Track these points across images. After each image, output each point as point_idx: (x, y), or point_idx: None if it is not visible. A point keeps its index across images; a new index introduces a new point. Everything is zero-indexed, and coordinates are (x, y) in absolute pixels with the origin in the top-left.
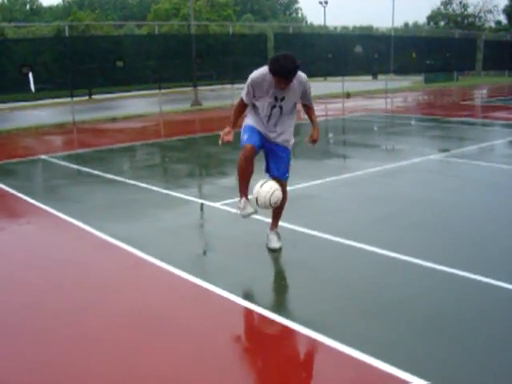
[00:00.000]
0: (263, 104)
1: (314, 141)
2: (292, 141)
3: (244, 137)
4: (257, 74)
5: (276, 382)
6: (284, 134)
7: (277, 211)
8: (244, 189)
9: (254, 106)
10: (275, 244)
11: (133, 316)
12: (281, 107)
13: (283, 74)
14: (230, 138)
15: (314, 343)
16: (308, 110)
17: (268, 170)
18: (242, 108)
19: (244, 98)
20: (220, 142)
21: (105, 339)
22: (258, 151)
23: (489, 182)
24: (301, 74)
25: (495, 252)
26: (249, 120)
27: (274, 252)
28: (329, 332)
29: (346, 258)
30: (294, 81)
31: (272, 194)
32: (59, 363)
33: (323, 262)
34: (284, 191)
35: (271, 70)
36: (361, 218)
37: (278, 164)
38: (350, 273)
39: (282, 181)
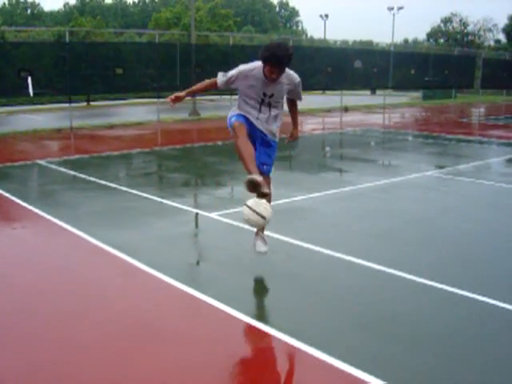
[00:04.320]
0: (251, 100)
1: (294, 139)
2: (277, 137)
3: (231, 119)
4: (246, 66)
5: None
6: (272, 129)
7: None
8: (253, 166)
9: (244, 100)
10: (262, 248)
11: (124, 323)
12: (269, 104)
13: (276, 60)
14: (174, 104)
15: (304, 355)
16: (292, 105)
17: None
18: (210, 86)
19: (219, 82)
20: (170, 104)
21: (96, 345)
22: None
23: (485, 199)
24: (293, 73)
25: (488, 270)
26: (237, 110)
27: (263, 255)
28: (319, 344)
29: (339, 272)
30: (285, 79)
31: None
32: (49, 369)
33: (317, 276)
34: (269, 184)
35: (264, 57)
36: (357, 233)
37: (267, 154)
38: (343, 287)
39: (267, 175)
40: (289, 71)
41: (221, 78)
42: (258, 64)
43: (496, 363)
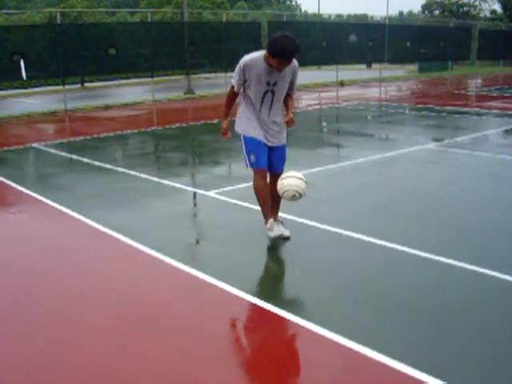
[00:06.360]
0: (255, 90)
1: (289, 124)
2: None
3: (251, 157)
4: (249, 57)
5: (266, 369)
6: (280, 131)
7: (277, 200)
8: (267, 211)
9: (246, 95)
10: (288, 232)
11: (124, 304)
12: (273, 92)
13: (288, 55)
14: (228, 135)
15: (304, 331)
16: (288, 97)
17: (269, 167)
18: (233, 97)
19: (236, 86)
20: (225, 137)
21: (96, 327)
22: None
23: (482, 171)
24: (294, 59)
25: (488, 241)
26: (244, 123)
27: (286, 239)
28: (319, 320)
29: (339, 247)
30: (288, 68)
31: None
32: (49, 350)
33: (316, 251)
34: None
35: (275, 51)
36: (355, 207)
37: (280, 160)
38: (343, 262)
39: (279, 173)
40: None
41: (234, 81)
42: (259, 53)
43: (495, 335)
